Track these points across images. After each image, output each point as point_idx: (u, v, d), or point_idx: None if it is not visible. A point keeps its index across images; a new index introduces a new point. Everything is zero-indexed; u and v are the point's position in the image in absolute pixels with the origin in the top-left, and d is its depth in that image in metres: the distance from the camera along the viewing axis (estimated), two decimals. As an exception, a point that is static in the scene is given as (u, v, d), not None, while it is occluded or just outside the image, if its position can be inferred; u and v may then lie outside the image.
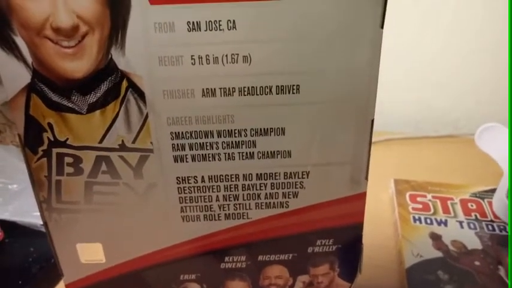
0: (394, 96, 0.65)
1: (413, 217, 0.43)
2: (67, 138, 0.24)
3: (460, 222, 0.42)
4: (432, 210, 0.44)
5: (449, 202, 0.45)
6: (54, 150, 0.24)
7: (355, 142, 0.24)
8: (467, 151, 0.58)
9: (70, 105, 0.23)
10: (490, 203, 0.45)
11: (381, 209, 0.47)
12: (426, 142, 0.62)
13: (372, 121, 0.24)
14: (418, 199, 0.46)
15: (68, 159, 0.24)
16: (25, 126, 0.24)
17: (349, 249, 0.28)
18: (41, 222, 0.44)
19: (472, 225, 0.42)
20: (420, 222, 0.42)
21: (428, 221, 0.43)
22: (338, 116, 0.24)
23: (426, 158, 0.58)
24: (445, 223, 0.42)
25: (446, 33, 0.61)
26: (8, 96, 0.23)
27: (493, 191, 0.45)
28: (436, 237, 0.40)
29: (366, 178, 0.25)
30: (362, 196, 0.26)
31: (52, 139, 0.24)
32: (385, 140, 0.61)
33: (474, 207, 0.44)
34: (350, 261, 0.28)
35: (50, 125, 0.24)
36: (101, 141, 0.24)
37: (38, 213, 0.44)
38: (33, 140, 0.24)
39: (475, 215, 0.43)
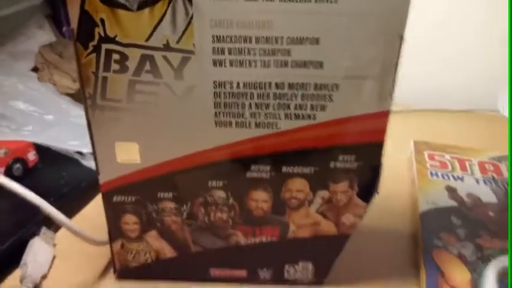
0: (415, 70, 0.66)
1: (431, 172, 0.44)
2: (116, 35, 0.26)
3: (477, 179, 0.43)
4: (450, 168, 0.45)
5: (467, 162, 0.46)
6: (104, 46, 0.26)
7: (384, 57, 0.26)
8: (487, 125, 0.58)
9: (122, 1, 0.25)
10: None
11: (400, 167, 0.48)
12: (446, 116, 0.62)
13: (402, 37, 0.25)
14: (436, 157, 0.47)
15: (115, 56, 0.26)
16: (79, 20, 0.26)
17: (369, 168, 0.29)
18: (75, 150, 0.46)
19: (488, 182, 0.43)
20: (437, 176, 0.43)
21: (446, 176, 0.44)
22: (371, 29, 0.25)
23: (445, 131, 0.58)
24: (462, 179, 0.43)
25: (471, 12, 0.61)
26: (67, -10, 0.25)
27: (512, 155, 0.46)
28: (451, 190, 0.41)
29: (391, 95, 0.27)
30: (386, 114, 0.27)
31: (102, 35, 0.26)
32: (405, 110, 0.62)
33: (492, 168, 0.45)
34: (369, 181, 0.29)
35: (102, 21, 0.25)
36: (147, 40, 0.26)
37: (72, 142, 0.47)
38: (85, 34, 0.26)
39: (492, 175, 0.44)
